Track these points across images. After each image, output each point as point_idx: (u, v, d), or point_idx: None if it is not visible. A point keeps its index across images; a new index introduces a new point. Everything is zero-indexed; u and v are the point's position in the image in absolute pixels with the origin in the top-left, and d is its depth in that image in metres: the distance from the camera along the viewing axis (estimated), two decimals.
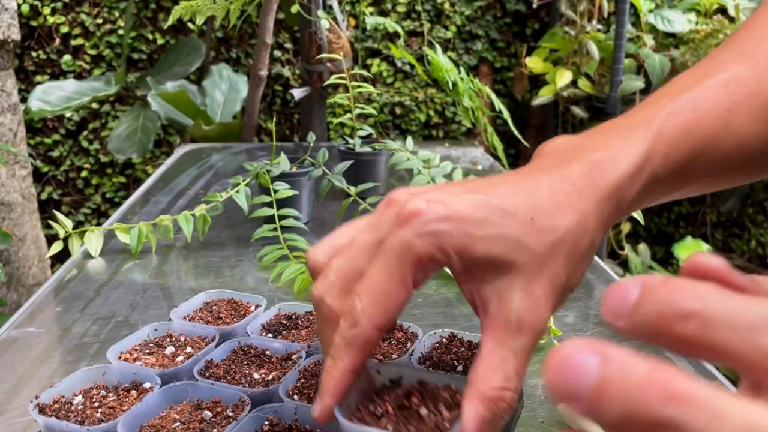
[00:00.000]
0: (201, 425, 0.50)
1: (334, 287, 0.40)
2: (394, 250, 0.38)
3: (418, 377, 0.47)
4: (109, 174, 2.57)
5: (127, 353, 0.62)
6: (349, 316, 0.39)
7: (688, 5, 2.35)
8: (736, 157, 0.49)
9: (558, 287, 0.39)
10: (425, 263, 0.38)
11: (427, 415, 0.42)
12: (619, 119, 0.48)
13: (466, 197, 0.39)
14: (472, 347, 0.64)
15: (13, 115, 2.19)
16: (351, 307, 0.38)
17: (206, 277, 0.92)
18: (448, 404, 0.43)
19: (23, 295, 2.21)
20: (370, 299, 0.38)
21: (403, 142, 1.12)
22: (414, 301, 0.85)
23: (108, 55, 2.48)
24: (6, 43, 2.12)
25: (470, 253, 0.38)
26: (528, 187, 0.40)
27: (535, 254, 0.38)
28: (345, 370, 0.39)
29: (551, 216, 0.39)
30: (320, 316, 0.41)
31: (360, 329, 0.38)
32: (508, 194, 0.39)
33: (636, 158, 0.43)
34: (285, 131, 2.63)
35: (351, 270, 0.40)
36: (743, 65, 0.49)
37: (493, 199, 0.38)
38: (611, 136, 0.45)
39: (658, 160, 0.45)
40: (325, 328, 0.41)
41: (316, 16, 1.71)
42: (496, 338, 0.38)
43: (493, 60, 2.66)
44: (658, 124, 0.46)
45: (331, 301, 0.40)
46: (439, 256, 0.38)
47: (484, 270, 0.39)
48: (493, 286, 0.39)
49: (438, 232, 0.37)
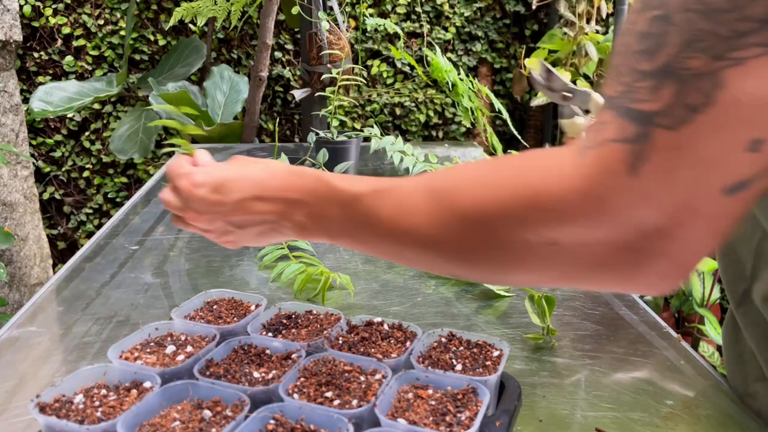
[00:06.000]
0: (200, 424, 0.51)
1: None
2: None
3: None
4: (111, 174, 2.57)
5: (128, 352, 0.62)
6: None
7: None
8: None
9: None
10: None
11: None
12: None
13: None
14: (470, 346, 0.64)
15: (15, 116, 2.20)
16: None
17: (207, 276, 0.93)
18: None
19: (25, 294, 2.21)
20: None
21: (374, 131, 1.32)
22: (413, 300, 0.86)
23: (110, 56, 2.48)
24: (8, 43, 2.13)
25: None
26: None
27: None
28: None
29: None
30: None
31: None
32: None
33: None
34: (286, 132, 2.63)
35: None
36: None
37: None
38: None
39: None
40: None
41: (316, 18, 1.71)
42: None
43: (493, 61, 2.66)
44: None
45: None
46: None
47: None
48: None
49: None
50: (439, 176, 0.51)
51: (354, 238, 0.55)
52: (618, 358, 0.71)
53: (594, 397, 0.63)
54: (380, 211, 0.51)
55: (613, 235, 0.40)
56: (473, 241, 0.46)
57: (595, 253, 0.41)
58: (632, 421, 0.60)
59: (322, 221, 0.55)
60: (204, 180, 0.58)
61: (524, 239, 0.43)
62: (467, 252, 0.47)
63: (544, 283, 0.53)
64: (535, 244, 0.43)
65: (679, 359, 0.71)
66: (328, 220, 0.55)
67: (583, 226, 0.40)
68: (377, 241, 0.53)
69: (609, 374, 0.68)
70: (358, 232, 0.54)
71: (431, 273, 0.95)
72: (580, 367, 0.69)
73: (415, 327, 0.67)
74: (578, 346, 0.74)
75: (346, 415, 0.51)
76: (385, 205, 0.51)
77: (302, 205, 0.56)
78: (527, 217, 0.43)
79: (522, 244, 0.44)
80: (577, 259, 0.42)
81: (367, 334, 0.66)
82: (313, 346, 0.63)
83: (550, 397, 0.64)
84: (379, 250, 0.55)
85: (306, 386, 0.56)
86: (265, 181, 0.57)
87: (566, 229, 0.41)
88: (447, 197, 0.48)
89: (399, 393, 0.56)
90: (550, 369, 0.69)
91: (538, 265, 0.44)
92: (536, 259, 0.44)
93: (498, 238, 0.45)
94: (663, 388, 0.65)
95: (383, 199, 0.52)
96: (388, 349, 0.63)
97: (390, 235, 0.51)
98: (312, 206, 0.55)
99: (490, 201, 0.45)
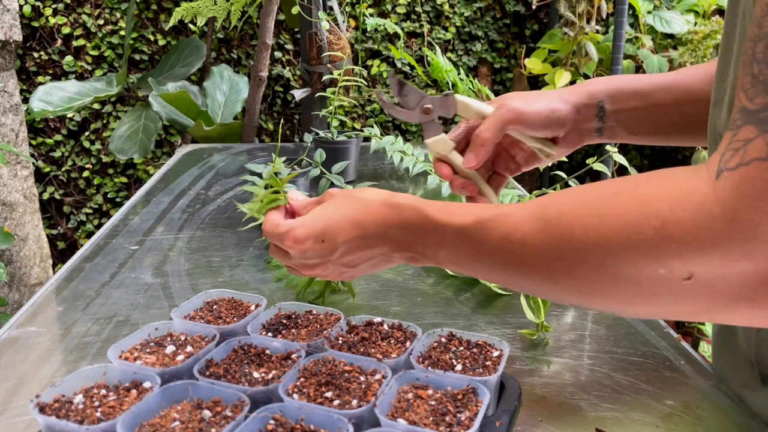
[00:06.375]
0: (200, 425, 0.51)
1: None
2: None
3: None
4: (111, 174, 2.57)
5: (128, 352, 0.62)
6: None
7: (687, 6, 2.36)
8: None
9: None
10: None
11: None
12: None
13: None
14: (470, 346, 0.64)
15: (14, 116, 2.20)
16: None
17: (207, 276, 0.93)
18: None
19: (25, 294, 2.21)
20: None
21: (374, 131, 1.32)
22: (413, 300, 0.86)
23: (109, 55, 2.48)
24: (8, 43, 2.13)
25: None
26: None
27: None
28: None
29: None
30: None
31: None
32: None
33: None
34: (286, 132, 2.63)
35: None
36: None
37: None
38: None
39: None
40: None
41: (316, 18, 1.71)
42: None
43: (493, 61, 2.66)
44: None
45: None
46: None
47: None
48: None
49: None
50: (550, 203, 0.47)
51: (464, 267, 0.53)
52: (618, 358, 0.71)
53: (594, 397, 0.63)
54: (488, 244, 0.49)
55: (766, 265, 0.36)
56: (593, 274, 0.43)
57: (740, 285, 0.38)
58: (632, 421, 0.60)
59: (428, 252, 0.54)
60: (306, 234, 0.57)
61: (653, 273, 0.40)
62: (588, 285, 0.44)
63: (678, 317, 0.49)
64: (666, 278, 0.40)
65: (679, 359, 0.71)
66: (433, 251, 0.54)
67: (725, 257, 0.37)
68: (488, 270, 0.51)
69: (609, 374, 0.68)
70: (467, 262, 0.52)
71: (440, 272, 0.95)
72: (580, 367, 0.69)
73: (415, 327, 0.67)
74: (578, 346, 0.74)
75: (346, 416, 0.51)
76: (493, 237, 0.49)
77: (405, 240, 0.55)
78: (657, 249, 0.39)
79: (651, 278, 0.40)
80: (717, 292, 0.39)
81: (367, 334, 0.66)
82: (313, 346, 0.63)
83: (550, 397, 0.64)
84: (491, 278, 0.54)
85: (306, 386, 0.56)
86: (364, 218, 0.56)
87: (705, 260, 0.38)
88: (559, 227, 0.45)
89: (399, 393, 0.56)
90: (550, 369, 0.69)
91: (669, 299, 0.41)
92: (667, 293, 0.40)
93: (621, 271, 0.41)
94: (663, 388, 0.65)
95: (489, 230, 0.49)
96: (388, 349, 0.63)
97: (501, 266, 0.49)
98: (415, 241, 0.54)
99: (609, 231, 0.41)
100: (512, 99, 0.67)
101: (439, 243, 0.53)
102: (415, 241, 0.55)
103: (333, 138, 1.40)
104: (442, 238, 0.53)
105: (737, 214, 0.36)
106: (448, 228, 0.52)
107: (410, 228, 0.54)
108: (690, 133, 0.69)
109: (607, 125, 0.70)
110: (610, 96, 0.69)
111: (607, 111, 0.69)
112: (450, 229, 0.52)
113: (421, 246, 0.55)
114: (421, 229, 0.54)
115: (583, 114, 0.69)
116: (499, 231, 0.48)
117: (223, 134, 2.11)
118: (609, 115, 0.69)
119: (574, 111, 0.69)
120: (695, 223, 0.37)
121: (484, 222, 0.50)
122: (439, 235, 0.53)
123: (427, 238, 0.54)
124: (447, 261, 0.54)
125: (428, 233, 0.53)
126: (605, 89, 0.69)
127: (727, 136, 0.39)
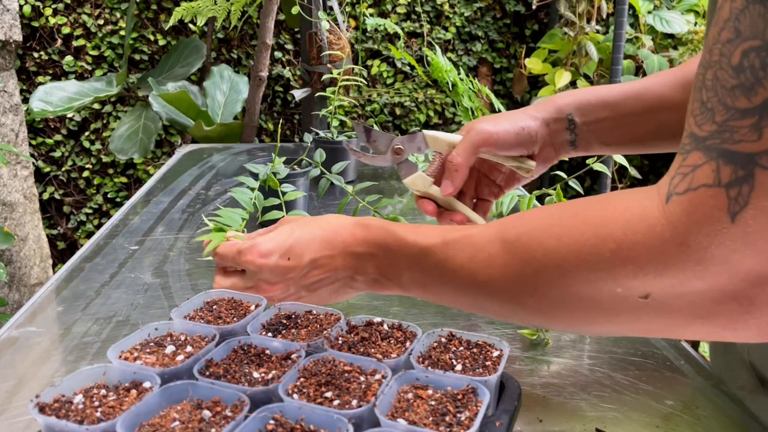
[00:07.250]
0: (200, 425, 0.51)
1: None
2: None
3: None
4: (111, 174, 2.58)
5: (128, 352, 0.62)
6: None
7: (687, 6, 2.36)
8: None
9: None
10: None
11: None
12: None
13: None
14: (470, 346, 0.64)
15: (14, 116, 2.20)
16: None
17: (207, 276, 0.93)
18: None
19: (25, 294, 2.21)
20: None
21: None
22: (413, 300, 0.86)
23: (109, 55, 2.49)
24: (8, 43, 2.13)
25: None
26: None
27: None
28: None
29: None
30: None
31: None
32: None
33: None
34: (286, 132, 2.63)
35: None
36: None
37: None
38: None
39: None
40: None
41: (316, 18, 1.71)
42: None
43: (493, 61, 2.66)
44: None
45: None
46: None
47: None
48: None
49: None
50: (511, 225, 0.48)
51: (428, 290, 0.53)
52: (618, 358, 0.71)
53: (594, 397, 0.63)
54: (452, 264, 0.49)
55: (716, 285, 0.37)
56: (554, 293, 0.44)
57: (693, 304, 0.38)
58: (632, 421, 0.60)
59: (393, 274, 0.54)
60: (272, 248, 0.56)
61: (612, 292, 0.41)
62: (549, 305, 0.45)
63: (638, 334, 0.49)
64: (625, 296, 0.40)
65: (679, 359, 0.71)
66: (398, 272, 0.53)
67: (678, 278, 0.38)
68: (451, 292, 0.51)
69: (609, 374, 0.68)
70: (432, 284, 0.52)
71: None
72: (580, 367, 0.69)
73: (415, 327, 0.67)
74: (578, 346, 0.74)
75: (345, 416, 0.51)
76: (458, 258, 0.49)
77: (372, 258, 0.54)
78: (613, 270, 0.40)
79: (610, 297, 0.41)
80: (674, 310, 0.39)
81: (367, 334, 0.65)
82: (313, 346, 0.63)
83: (550, 397, 0.64)
84: (455, 301, 0.53)
85: (306, 386, 0.56)
86: (333, 238, 0.56)
87: (660, 280, 0.38)
88: (520, 249, 0.45)
89: (399, 393, 0.56)
90: (550, 369, 0.69)
91: (629, 317, 0.42)
92: (627, 311, 0.41)
93: (580, 290, 0.42)
94: (663, 388, 0.65)
95: (455, 250, 0.50)
96: (387, 349, 0.63)
97: (465, 287, 0.49)
98: (381, 259, 0.54)
99: (567, 253, 0.42)
100: (480, 122, 0.68)
101: (405, 263, 0.53)
102: (381, 260, 0.54)
103: (333, 138, 1.40)
104: (408, 258, 0.53)
105: (687, 238, 0.37)
106: (414, 247, 0.52)
107: (377, 246, 0.54)
108: (665, 140, 0.69)
109: (579, 137, 0.71)
110: (577, 108, 0.69)
111: (577, 123, 0.70)
112: (416, 248, 0.52)
113: (387, 266, 0.54)
114: (388, 247, 0.54)
115: (554, 128, 0.70)
116: (465, 252, 0.49)
117: (223, 134, 2.11)
118: (580, 127, 0.70)
119: (544, 126, 0.69)
120: (648, 245, 0.38)
121: (450, 243, 0.50)
122: (406, 253, 0.53)
123: (394, 257, 0.54)
124: (412, 283, 0.54)
125: (394, 252, 0.53)
126: (572, 102, 0.70)
127: (677, 159, 0.40)
